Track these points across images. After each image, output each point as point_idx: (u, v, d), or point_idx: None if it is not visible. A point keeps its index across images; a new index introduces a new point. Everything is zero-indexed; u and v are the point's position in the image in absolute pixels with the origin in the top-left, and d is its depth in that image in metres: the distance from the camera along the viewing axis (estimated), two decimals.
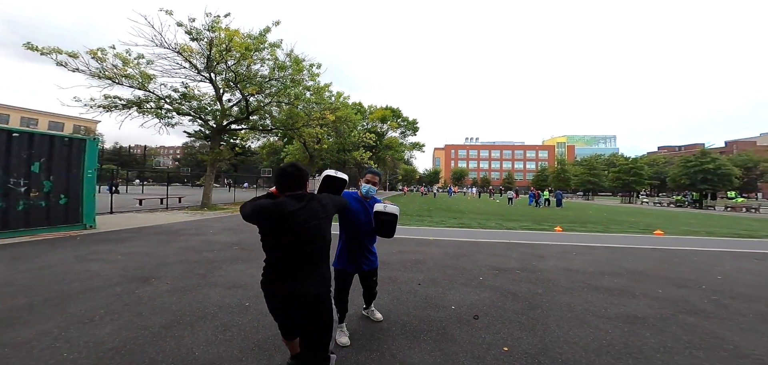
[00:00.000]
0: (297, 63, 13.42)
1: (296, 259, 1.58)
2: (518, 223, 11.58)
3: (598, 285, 4.24)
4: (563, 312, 3.27)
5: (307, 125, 16.18)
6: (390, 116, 40.83)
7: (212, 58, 11.83)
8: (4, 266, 4.02)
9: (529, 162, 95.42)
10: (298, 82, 13.91)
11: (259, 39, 12.30)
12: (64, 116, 45.07)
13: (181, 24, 11.40)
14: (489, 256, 5.77)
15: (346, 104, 20.94)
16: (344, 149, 27.50)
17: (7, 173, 6.09)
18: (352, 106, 27.13)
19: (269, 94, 13.69)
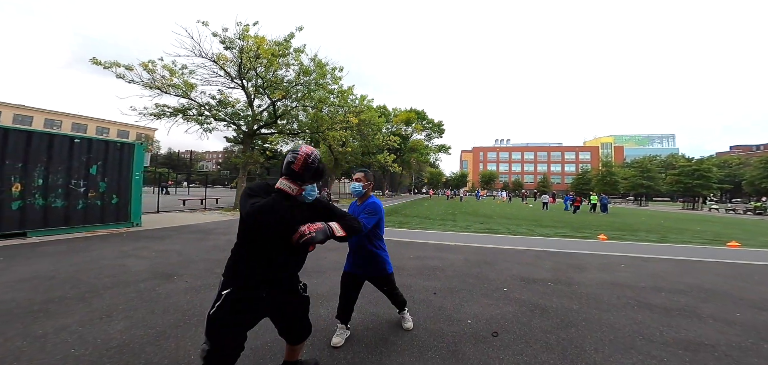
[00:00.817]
0: (320, 67, 13.75)
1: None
2: (553, 229, 10.62)
3: (651, 302, 3.61)
4: (604, 332, 2.79)
5: (331, 128, 16.50)
6: (414, 119, 40.34)
7: (243, 65, 12.55)
8: (56, 259, 4.49)
9: (569, 165, 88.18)
10: (322, 86, 14.24)
11: (284, 45, 12.81)
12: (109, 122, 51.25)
13: (216, 34, 12.26)
14: (516, 265, 5.27)
15: (370, 107, 21.05)
16: (368, 152, 27.66)
17: (69, 175, 6.88)
18: (377, 109, 27.23)
19: (295, 98, 14.19)
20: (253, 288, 1.46)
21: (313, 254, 5.50)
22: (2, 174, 5.90)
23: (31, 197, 6.27)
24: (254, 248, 1.46)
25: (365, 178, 2.44)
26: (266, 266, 1.48)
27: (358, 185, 2.42)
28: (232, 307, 1.42)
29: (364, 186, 2.43)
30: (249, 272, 1.45)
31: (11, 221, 6.00)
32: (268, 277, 1.49)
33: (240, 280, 1.45)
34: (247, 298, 1.45)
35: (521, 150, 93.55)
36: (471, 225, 11.09)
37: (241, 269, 1.46)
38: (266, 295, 1.50)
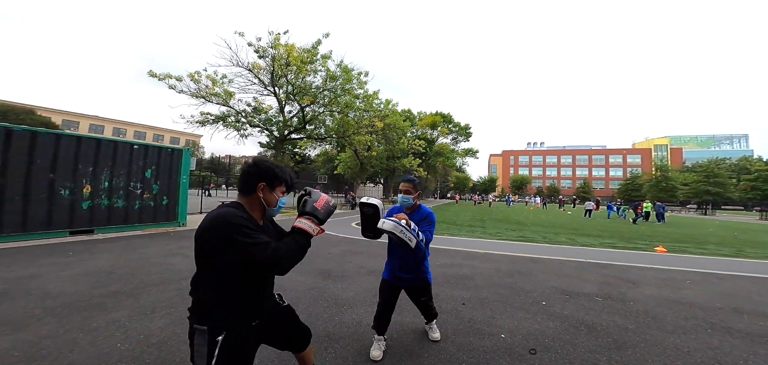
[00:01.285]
0: (346, 72, 14.07)
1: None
2: (598, 239, 9.65)
3: (730, 326, 3.07)
4: (669, 357, 2.41)
5: (357, 133, 16.74)
6: (440, 122, 39.50)
7: (275, 72, 13.24)
8: (115, 255, 4.99)
9: (614, 169, 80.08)
10: (348, 91, 14.55)
11: (312, 52, 13.31)
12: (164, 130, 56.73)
13: (251, 44, 13.10)
14: (556, 277, 4.82)
15: (394, 111, 21.07)
16: (393, 156, 27.62)
17: (129, 178, 7.68)
18: (401, 113, 27.11)
19: (322, 103, 14.64)
20: (245, 319, 1.29)
21: (337, 258, 5.55)
22: (76, 177, 6.74)
23: (98, 198, 7.09)
24: (244, 281, 1.26)
25: (414, 188, 2.31)
26: (256, 296, 1.33)
27: (408, 197, 2.29)
28: (233, 352, 1.22)
29: (414, 197, 2.31)
30: (239, 307, 1.26)
31: (82, 219, 6.82)
32: (257, 305, 1.34)
33: (232, 318, 1.24)
34: (244, 334, 1.28)
35: (557, 153, 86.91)
36: (502, 232, 10.48)
37: (231, 306, 1.24)
38: (256, 324, 1.35)
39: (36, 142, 6.21)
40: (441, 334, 2.67)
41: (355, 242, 7.32)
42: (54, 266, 4.20)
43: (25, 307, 2.76)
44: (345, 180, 37.73)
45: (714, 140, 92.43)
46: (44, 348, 2.08)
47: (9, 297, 2.98)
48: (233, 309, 1.24)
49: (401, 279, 2.40)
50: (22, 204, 5.97)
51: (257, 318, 1.35)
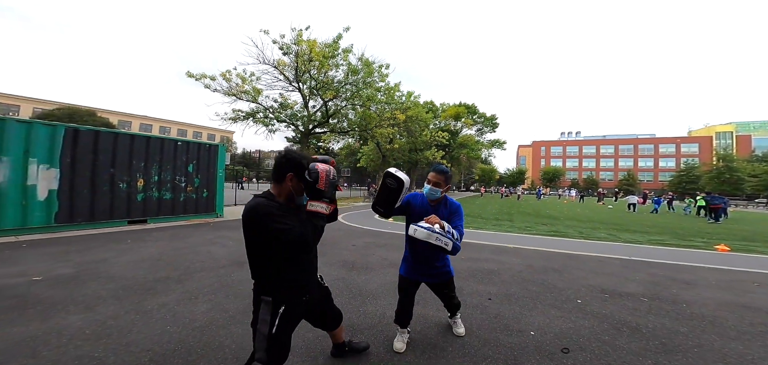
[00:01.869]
0: (367, 66, 14.06)
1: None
2: (645, 235, 8.83)
3: None
4: (729, 364, 2.19)
5: (379, 126, 16.75)
6: (464, 113, 38.04)
7: (299, 68, 13.60)
8: (164, 243, 5.52)
9: (665, 159, 71.87)
10: (369, 84, 14.55)
11: (333, 46, 13.44)
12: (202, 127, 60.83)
13: (275, 41, 13.53)
14: (594, 274, 4.51)
15: (416, 103, 20.70)
16: (416, 149, 27.25)
17: (174, 172, 8.39)
18: (424, 105, 26.55)
19: (344, 97, 14.81)
20: (300, 294, 1.56)
21: (360, 250, 5.66)
22: (131, 172, 7.50)
23: (150, 191, 7.85)
24: (294, 261, 1.50)
25: (445, 180, 2.12)
26: (306, 274, 1.58)
27: (436, 190, 2.10)
28: (290, 321, 1.51)
29: (443, 190, 2.12)
30: (294, 285, 1.53)
31: (137, 210, 7.61)
32: (306, 282, 1.59)
33: (290, 294, 1.50)
34: (297, 308, 1.55)
35: (596, 143, 79.54)
36: (532, 227, 9.97)
37: (288, 283, 1.50)
38: (306, 298, 1.60)
39: (98, 140, 6.98)
40: (466, 329, 2.62)
41: (378, 234, 7.40)
42: (116, 252, 4.75)
43: (95, 289, 3.17)
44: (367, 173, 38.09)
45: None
46: (109, 327, 2.37)
47: (82, 280, 3.44)
48: (291, 285, 1.50)
49: (422, 274, 2.32)
50: (90, 196, 6.78)
51: (307, 293, 1.60)
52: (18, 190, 5.82)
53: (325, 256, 5.07)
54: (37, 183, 6.08)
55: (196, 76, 13.77)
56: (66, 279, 3.41)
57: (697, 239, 8.27)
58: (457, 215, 2.14)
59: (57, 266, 3.86)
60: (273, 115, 15.60)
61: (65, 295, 2.96)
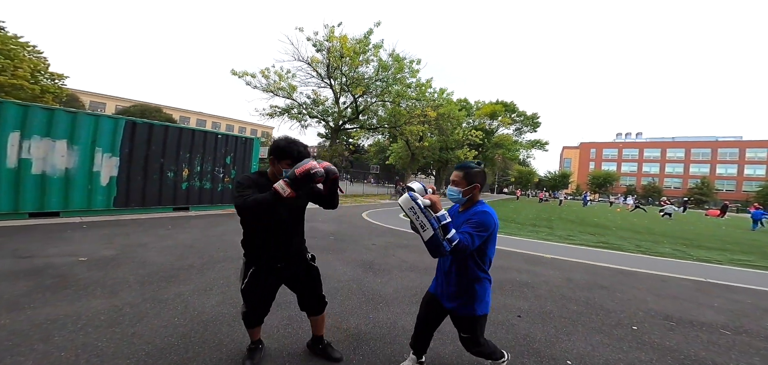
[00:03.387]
0: (398, 61, 13.72)
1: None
2: (723, 253, 7.33)
3: None
4: None
5: (409, 123, 16.31)
6: (501, 111, 35.44)
7: (331, 65, 13.70)
8: (199, 231, 5.88)
9: (753, 166, 59.73)
10: (400, 80, 14.18)
11: (364, 42, 13.28)
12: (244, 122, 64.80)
13: (309, 38, 13.78)
14: (655, 296, 3.76)
15: (449, 101, 19.72)
16: (447, 147, 26.10)
17: (214, 163, 8.97)
18: (457, 102, 25.23)
19: (375, 94, 14.63)
20: (271, 261, 1.78)
21: (380, 250, 5.39)
22: (178, 162, 8.15)
23: (193, 180, 8.49)
24: (265, 230, 1.72)
25: (465, 178, 1.71)
26: (276, 242, 1.75)
27: (455, 190, 1.74)
28: (256, 280, 1.78)
29: (464, 191, 1.72)
30: (264, 250, 1.76)
31: (182, 198, 8.29)
32: (280, 251, 1.78)
33: (259, 258, 1.77)
34: (267, 271, 1.79)
35: (662, 146, 68.42)
36: (575, 235, 8.87)
37: (257, 248, 1.77)
38: (282, 266, 1.81)
39: (152, 133, 7.68)
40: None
41: (400, 234, 7.13)
42: (157, 237, 5.16)
43: (125, 274, 3.39)
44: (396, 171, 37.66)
45: None
46: (123, 315, 2.47)
47: (117, 263, 3.73)
48: (259, 251, 1.77)
49: (440, 293, 1.84)
50: (142, 183, 7.52)
51: (281, 262, 1.80)
52: (85, 175, 6.63)
53: (343, 253, 4.96)
54: (101, 170, 6.87)
55: (239, 74, 14.64)
56: (105, 262, 3.72)
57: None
58: (474, 224, 1.62)
59: (102, 248, 4.26)
60: (306, 111, 16.07)
61: (99, 277, 3.21)
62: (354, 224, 8.17)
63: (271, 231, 1.72)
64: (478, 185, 1.72)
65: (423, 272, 4.25)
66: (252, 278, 1.77)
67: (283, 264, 1.81)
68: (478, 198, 1.77)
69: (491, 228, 1.64)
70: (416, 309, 3.02)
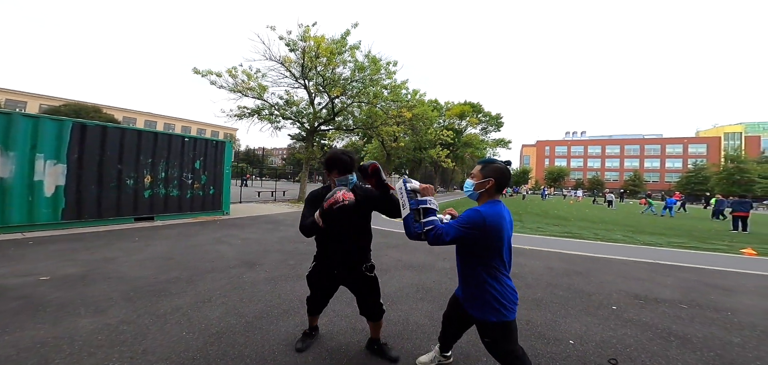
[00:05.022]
0: (374, 63, 13.84)
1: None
2: (662, 238, 8.58)
3: None
4: None
5: (385, 124, 16.53)
6: (469, 112, 37.74)
7: (305, 65, 13.41)
8: (172, 241, 5.38)
9: (672, 160, 70.88)
10: (376, 81, 14.34)
11: (341, 42, 13.22)
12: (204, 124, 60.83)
13: (282, 38, 13.35)
14: (622, 279, 4.30)
15: (422, 101, 20.43)
16: (421, 147, 27.01)
17: (181, 169, 8.26)
18: (428, 103, 26.31)
19: (351, 95, 14.59)
20: (328, 264, 1.99)
21: (373, 251, 5.40)
22: (138, 168, 7.37)
23: (157, 187, 7.72)
24: (325, 236, 1.93)
25: (481, 172, 1.63)
26: (333, 250, 1.94)
27: (468, 182, 1.67)
28: (316, 274, 2.06)
29: (477, 185, 1.62)
30: (324, 252, 1.99)
31: (144, 207, 7.49)
32: (339, 257, 1.94)
33: (319, 257, 2.03)
34: (324, 270, 2.02)
35: (602, 143, 78.40)
36: (543, 228, 9.72)
37: (321, 249, 2.00)
38: (338, 272, 1.98)
39: (106, 136, 6.85)
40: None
41: (388, 234, 7.21)
42: (125, 250, 4.61)
43: (105, 290, 3.02)
44: None
45: None
46: (122, 332, 2.22)
47: (91, 280, 3.29)
48: (321, 252, 2.02)
49: (463, 300, 1.76)
50: (97, 192, 6.66)
51: (337, 269, 1.98)
52: (24, 185, 5.70)
53: None
54: (44, 179, 5.95)
55: (202, 73, 13.63)
56: (74, 279, 3.26)
57: (717, 242, 8.00)
58: (459, 219, 1.59)
59: (64, 266, 3.72)
60: (278, 112, 15.43)
61: (74, 296, 2.81)
62: None
63: (329, 241, 1.92)
64: (493, 180, 1.59)
65: (419, 270, 4.36)
66: (314, 270, 2.06)
67: (339, 271, 1.98)
68: (494, 196, 1.62)
69: (477, 226, 1.50)
70: (422, 305, 3.15)
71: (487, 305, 1.58)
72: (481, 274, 1.59)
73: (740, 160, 43.57)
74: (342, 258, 1.94)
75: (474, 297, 1.64)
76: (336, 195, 1.63)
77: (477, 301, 1.63)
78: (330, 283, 2.05)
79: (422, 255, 5.12)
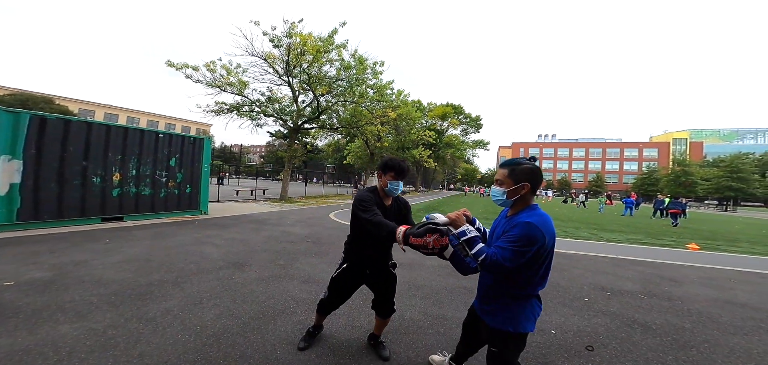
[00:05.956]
0: (361, 62, 13.85)
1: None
2: (622, 234, 9.41)
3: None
4: (738, 358, 2.36)
5: (370, 123, 16.58)
6: (451, 113, 39.05)
7: (290, 62, 13.13)
8: (149, 243, 5.09)
9: (629, 163, 77.74)
10: (362, 81, 14.35)
11: (328, 41, 13.10)
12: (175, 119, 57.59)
13: (266, 33, 12.96)
14: (591, 273, 4.70)
15: (406, 102, 20.74)
16: (404, 147, 27.43)
17: (154, 166, 7.78)
18: (412, 104, 26.78)
19: (337, 94, 14.49)
20: (361, 264, 2.06)
21: None
22: (106, 165, 6.86)
23: (126, 186, 7.23)
24: (363, 236, 1.98)
25: (510, 176, 1.45)
26: (370, 252, 2.02)
27: (497, 190, 1.49)
28: (347, 274, 2.08)
29: (509, 192, 1.45)
30: (359, 253, 2.04)
31: (112, 207, 6.98)
32: (371, 258, 2.04)
33: (354, 258, 2.06)
34: (356, 270, 2.07)
35: (570, 146, 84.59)
36: None
37: (355, 250, 2.05)
38: (369, 272, 2.08)
39: (69, 130, 6.31)
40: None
41: None
42: (96, 252, 4.30)
43: (82, 294, 2.82)
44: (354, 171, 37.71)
45: (737, 134, 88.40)
46: (111, 337, 2.11)
47: (63, 284, 3.06)
48: (354, 253, 2.05)
49: (479, 309, 1.64)
50: (58, 191, 6.12)
51: (369, 268, 2.07)
52: None
53: (327, 256, 4.91)
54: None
55: (176, 66, 12.87)
56: (43, 284, 3.01)
57: (667, 238, 8.92)
58: (509, 238, 1.35)
59: (28, 270, 3.41)
60: (260, 109, 14.93)
61: (47, 302, 2.61)
62: (325, 227, 8.00)
63: (369, 242, 1.98)
64: (528, 184, 1.42)
65: (408, 268, 4.47)
66: (343, 271, 2.08)
67: (370, 270, 2.08)
68: (530, 201, 1.46)
69: (537, 243, 1.30)
70: (415, 301, 3.28)
71: (511, 315, 1.45)
72: (512, 288, 1.43)
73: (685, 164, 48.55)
74: (376, 259, 2.04)
75: (499, 309, 1.48)
76: (425, 238, 1.46)
77: (501, 312, 1.47)
78: (356, 283, 2.11)
79: (410, 253, 5.23)
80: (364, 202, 1.85)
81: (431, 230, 1.46)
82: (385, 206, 1.97)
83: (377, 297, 2.13)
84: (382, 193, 2.00)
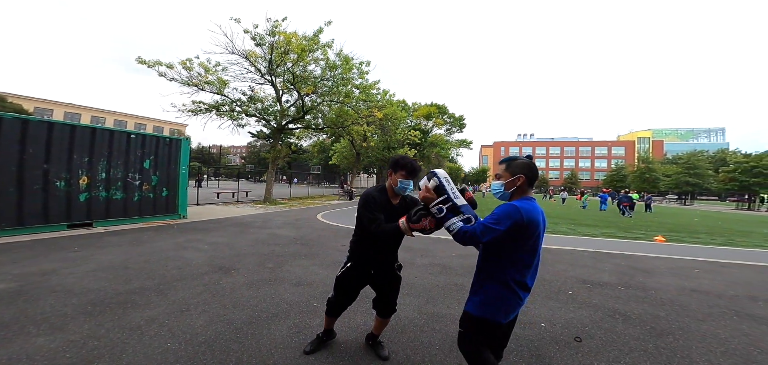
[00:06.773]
0: (346, 62, 13.75)
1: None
2: (598, 229, 9.96)
3: (752, 313, 3.26)
4: (711, 344, 2.54)
5: (356, 123, 16.50)
6: (436, 113, 39.56)
7: (273, 61, 12.80)
8: (124, 250, 4.78)
9: (599, 160, 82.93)
10: (347, 80, 14.25)
11: (313, 40, 12.89)
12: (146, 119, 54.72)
13: (247, 31, 12.54)
14: (572, 267, 4.95)
15: (391, 101, 20.83)
16: (389, 147, 27.54)
17: (126, 169, 7.32)
18: (397, 103, 26.95)
19: (322, 93, 14.29)
20: (365, 264, 2.03)
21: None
22: (71, 168, 6.37)
23: (95, 190, 6.75)
24: (368, 236, 1.93)
25: (507, 170, 1.51)
26: (376, 250, 1.99)
27: (496, 184, 1.56)
28: (351, 274, 2.05)
29: (507, 184, 1.51)
30: (364, 253, 2.01)
31: (80, 212, 6.49)
32: (377, 258, 2.01)
33: (359, 258, 2.02)
34: (361, 270, 2.03)
35: (546, 145, 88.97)
36: None
37: (360, 250, 2.02)
38: (374, 271, 2.05)
39: (27, 130, 5.81)
40: None
41: None
42: (65, 261, 3.98)
43: (54, 305, 2.60)
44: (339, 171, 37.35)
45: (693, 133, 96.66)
46: (94, 348, 1.96)
47: (32, 295, 2.80)
48: (359, 252, 2.02)
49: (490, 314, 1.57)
50: (17, 197, 5.62)
51: (374, 268, 2.04)
52: None
53: (317, 258, 4.83)
54: None
55: (148, 63, 12.15)
56: (9, 295, 2.75)
57: (637, 232, 9.55)
58: (490, 215, 1.45)
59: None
60: (241, 108, 14.41)
61: (16, 314, 2.39)
62: (313, 228, 7.86)
63: (374, 243, 1.95)
64: (523, 176, 1.48)
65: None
66: (347, 270, 2.06)
67: (375, 271, 2.05)
68: (526, 193, 1.51)
69: (513, 218, 1.37)
70: (409, 300, 3.30)
71: (481, 297, 1.50)
72: (494, 272, 1.48)
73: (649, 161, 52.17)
74: (382, 260, 2.02)
75: (477, 290, 1.54)
76: (423, 223, 1.58)
77: (472, 298, 1.54)
78: (361, 283, 2.08)
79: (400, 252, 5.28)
80: (369, 210, 1.85)
81: (424, 214, 1.61)
82: (392, 205, 1.93)
83: (380, 297, 2.12)
84: (391, 191, 1.97)
